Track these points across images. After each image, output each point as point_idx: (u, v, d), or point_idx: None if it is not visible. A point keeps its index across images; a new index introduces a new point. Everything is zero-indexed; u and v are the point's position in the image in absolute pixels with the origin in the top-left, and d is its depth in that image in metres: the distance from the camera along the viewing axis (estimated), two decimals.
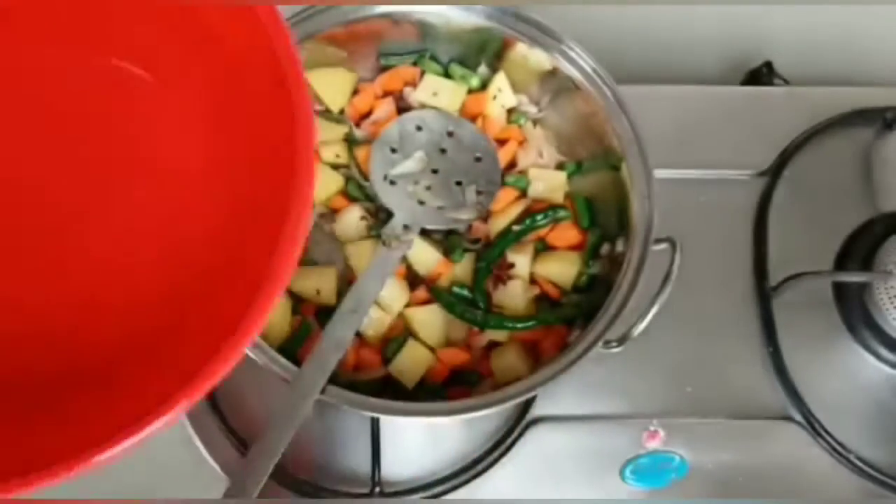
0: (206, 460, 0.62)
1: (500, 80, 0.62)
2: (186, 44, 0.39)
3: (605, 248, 0.61)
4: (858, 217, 0.69)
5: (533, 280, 0.60)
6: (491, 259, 0.60)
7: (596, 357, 0.52)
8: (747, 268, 0.68)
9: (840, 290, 0.67)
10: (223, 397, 0.64)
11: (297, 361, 0.50)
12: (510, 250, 0.60)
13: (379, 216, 0.60)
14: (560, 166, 0.63)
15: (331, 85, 0.62)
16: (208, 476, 0.61)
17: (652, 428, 0.63)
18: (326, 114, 0.63)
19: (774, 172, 0.70)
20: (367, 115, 0.63)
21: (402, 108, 0.63)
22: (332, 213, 0.61)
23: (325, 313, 0.56)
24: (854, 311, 0.66)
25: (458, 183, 0.60)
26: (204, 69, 0.39)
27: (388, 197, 0.59)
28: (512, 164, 0.63)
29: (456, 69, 0.63)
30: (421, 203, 0.59)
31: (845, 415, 0.65)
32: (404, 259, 0.59)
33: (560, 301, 0.60)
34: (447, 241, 0.61)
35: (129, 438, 0.31)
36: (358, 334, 0.57)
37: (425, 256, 0.59)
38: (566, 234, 0.61)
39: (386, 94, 0.63)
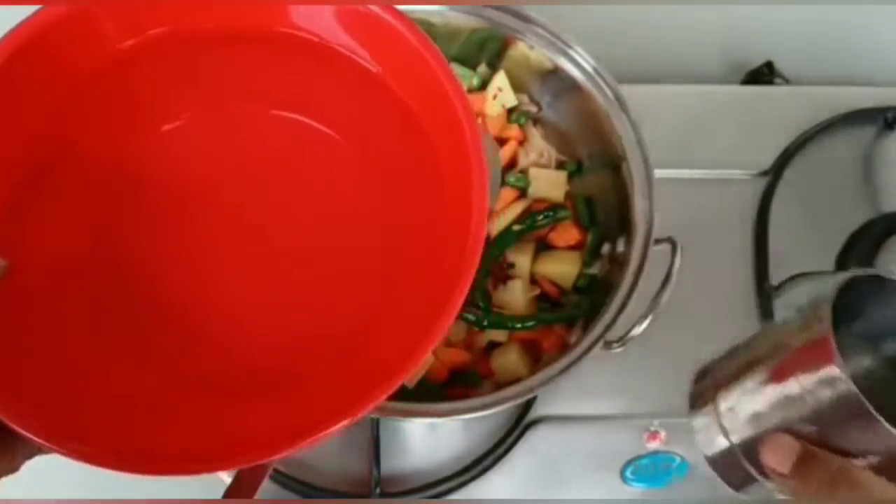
0: None
1: (501, 80, 0.62)
2: (370, 105, 0.42)
3: (605, 248, 0.60)
4: (859, 217, 0.69)
5: (533, 280, 0.60)
6: (491, 259, 0.59)
7: (596, 357, 0.52)
8: (748, 268, 0.68)
9: None
10: None
11: None
12: (510, 250, 0.60)
13: None
14: (560, 166, 0.63)
15: None
16: (208, 476, 0.61)
17: (652, 428, 0.63)
18: None
19: (775, 172, 0.70)
20: None
21: None
22: None
23: None
24: None
25: None
26: (381, 125, 0.42)
27: None
28: (512, 164, 0.63)
29: (456, 68, 0.63)
30: None
31: None
32: None
33: (560, 301, 0.60)
34: None
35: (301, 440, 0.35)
36: None
37: None
38: (566, 233, 0.61)
39: None
